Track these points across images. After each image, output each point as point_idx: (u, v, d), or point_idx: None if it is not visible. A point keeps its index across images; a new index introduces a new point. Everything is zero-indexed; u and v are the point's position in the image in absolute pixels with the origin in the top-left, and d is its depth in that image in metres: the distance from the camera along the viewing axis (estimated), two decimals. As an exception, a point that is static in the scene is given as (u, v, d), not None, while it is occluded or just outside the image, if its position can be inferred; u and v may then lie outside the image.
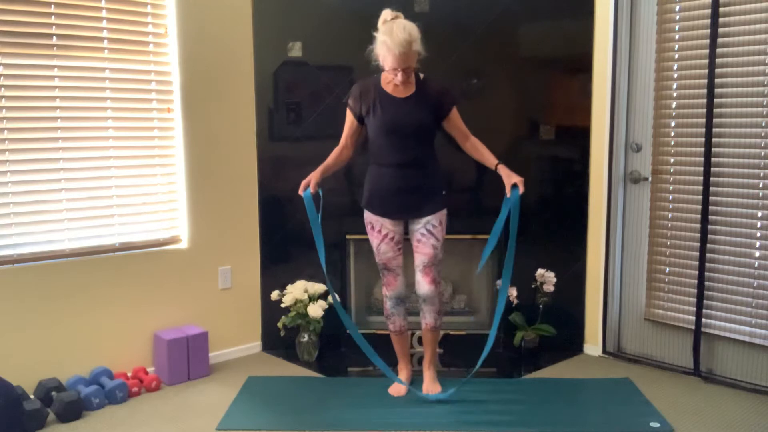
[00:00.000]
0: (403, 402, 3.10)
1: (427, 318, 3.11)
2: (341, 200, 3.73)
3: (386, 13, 2.86)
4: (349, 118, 3.06)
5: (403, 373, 3.26)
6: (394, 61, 2.79)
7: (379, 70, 2.95)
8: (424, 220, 3.01)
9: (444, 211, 3.06)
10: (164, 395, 3.23)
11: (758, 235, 3.16)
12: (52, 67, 3.05)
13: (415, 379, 3.28)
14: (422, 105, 2.96)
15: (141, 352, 3.40)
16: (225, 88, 3.62)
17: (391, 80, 2.92)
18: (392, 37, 2.75)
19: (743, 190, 3.19)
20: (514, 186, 2.87)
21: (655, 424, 2.84)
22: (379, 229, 3.06)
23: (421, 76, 3.00)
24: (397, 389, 3.19)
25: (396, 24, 2.79)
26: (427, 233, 3.01)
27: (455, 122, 3.04)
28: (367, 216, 3.11)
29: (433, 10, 3.60)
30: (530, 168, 3.74)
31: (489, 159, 3.02)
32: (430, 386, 3.13)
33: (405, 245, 3.13)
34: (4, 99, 2.94)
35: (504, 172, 2.92)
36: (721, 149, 3.25)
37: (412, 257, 3.11)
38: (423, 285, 3.04)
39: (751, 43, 3.11)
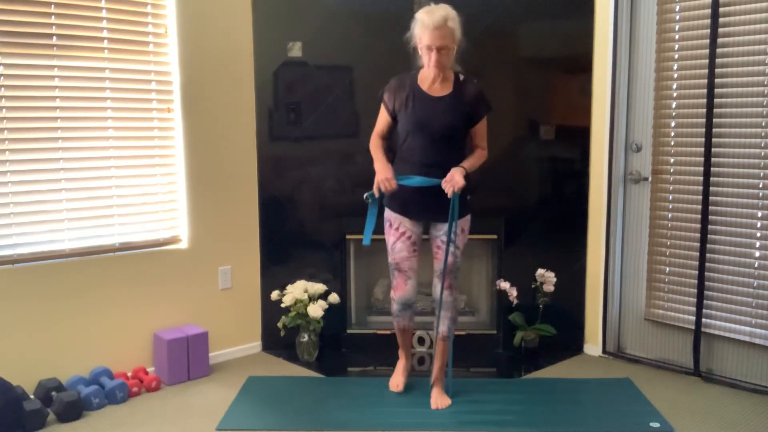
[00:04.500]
0: (403, 402, 3.10)
1: (441, 326, 3.02)
2: (341, 200, 3.73)
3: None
4: (383, 115, 2.97)
5: (401, 362, 3.26)
6: (429, 38, 2.73)
7: (415, 66, 2.90)
8: (447, 226, 2.90)
9: (467, 217, 2.99)
10: (164, 395, 3.23)
11: (758, 235, 3.16)
12: (52, 67, 3.05)
13: (418, 381, 3.27)
14: (456, 107, 2.87)
15: (141, 352, 3.40)
16: (225, 88, 3.61)
17: (429, 78, 2.86)
18: (429, 14, 2.74)
19: (743, 190, 3.19)
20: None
21: (655, 424, 2.84)
22: (397, 227, 2.98)
23: (461, 77, 2.92)
24: (395, 382, 3.20)
25: (435, 5, 2.80)
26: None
27: (480, 130, 2.97)
28: (387, 213, 3.02)
29: (433, 10, 3.60)
30: (530, 168, 3.74)
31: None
32: (439, 400, 3.06)
33: (424, 249, 3.04)
34: (4, 99, 2.94)
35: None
36: (721, 149, 3.25)
37: (429, 262, 3.04)
38: (439, 290, 2.98)
39: (751, 43, 3.11)
